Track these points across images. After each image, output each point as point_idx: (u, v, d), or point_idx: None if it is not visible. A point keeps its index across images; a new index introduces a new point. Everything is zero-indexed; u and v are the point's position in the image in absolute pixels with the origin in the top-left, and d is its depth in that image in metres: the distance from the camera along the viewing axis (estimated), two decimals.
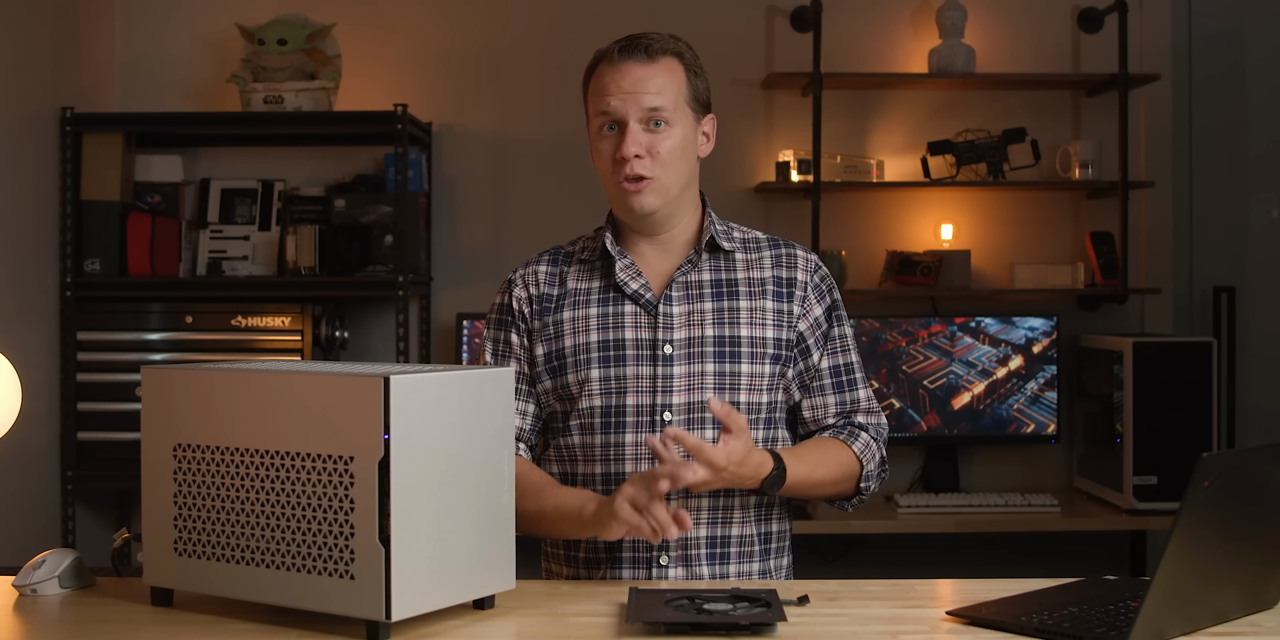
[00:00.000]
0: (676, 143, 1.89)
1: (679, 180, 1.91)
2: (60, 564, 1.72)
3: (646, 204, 1.89)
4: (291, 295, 3.65)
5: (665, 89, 1.88)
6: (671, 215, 1.94)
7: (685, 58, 1.92)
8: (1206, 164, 4.11)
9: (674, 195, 1.91)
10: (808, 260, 1.99)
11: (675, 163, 1.89)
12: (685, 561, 1.89)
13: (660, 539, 1.70)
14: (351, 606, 1.46)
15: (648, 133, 1.88)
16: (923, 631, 1.52)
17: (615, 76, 1.88)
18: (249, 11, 3.85)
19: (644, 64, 1.88)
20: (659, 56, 1.89)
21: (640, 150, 1.86)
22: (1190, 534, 1.39)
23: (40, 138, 3.54)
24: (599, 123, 1.90)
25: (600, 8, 3.93)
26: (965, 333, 3.79)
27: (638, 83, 1.87)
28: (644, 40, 1.90)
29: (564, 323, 1.95)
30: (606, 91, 1.88)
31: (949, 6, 3.82)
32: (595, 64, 1.94)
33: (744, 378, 1.90)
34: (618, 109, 1.87)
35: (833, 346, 1.98)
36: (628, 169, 1.87)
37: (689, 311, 1.92)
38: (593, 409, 1.91)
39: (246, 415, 1.55)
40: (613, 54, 1.90)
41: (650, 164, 1.87)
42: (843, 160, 3.85)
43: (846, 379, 1.98)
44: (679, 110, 1.89)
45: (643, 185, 1.88)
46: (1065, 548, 3.86)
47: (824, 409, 1.98)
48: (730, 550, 1.91)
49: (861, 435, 1.96)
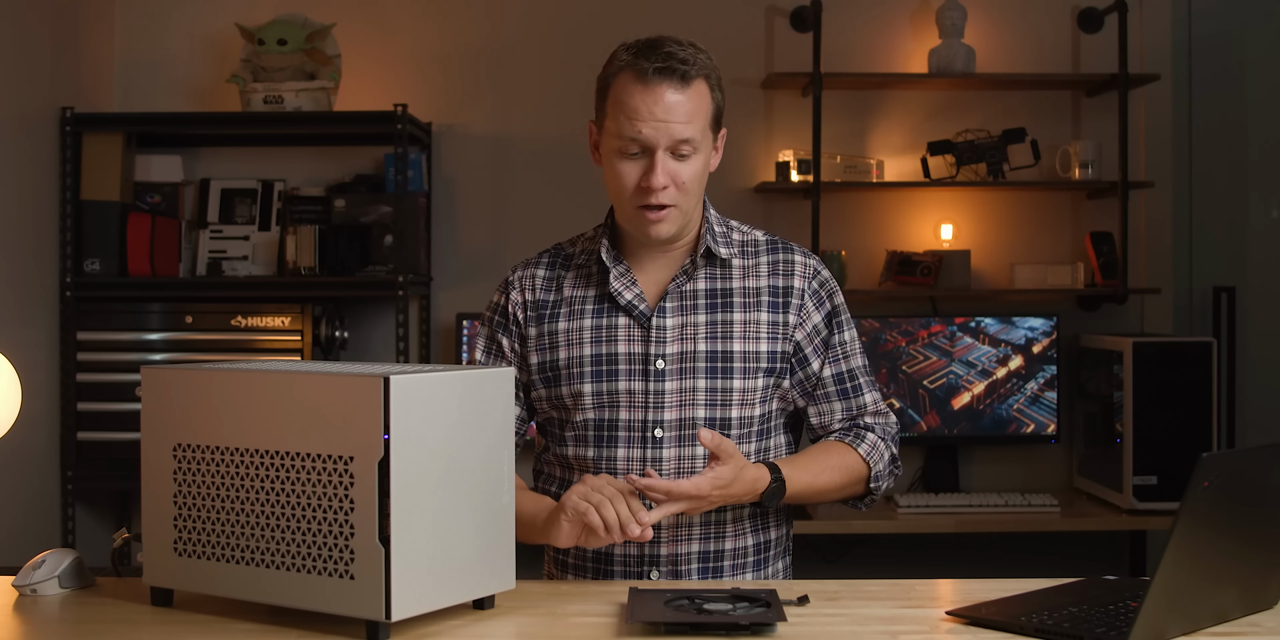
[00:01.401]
0: (699, 168, 1.85)
1: (697, 204, 1.90)
2: (60, 564, 1.72)
3: (665, 231, 1.87)
4: (291, 295, 3.65)
5: (695, 117, 1.82)
6: (681, 234, 1.92)
7: (712, 78, 1.86)
8: (1206, 164, 4.11)
9: (687, 217, 1.89)
10: (805, 266, 1.96)
11: (696, 189, 1.87)
12: (675, 576, 1.89)
13: (611, 538, 1.68)
14: (351, 606, 1.46)
15: (674, 160, 1.83)
16: (923, 631, 1.52)
17: (648, 100, 1.80)
18: (249, 11, 3.85)
19: (678, 90, 1.81)
20: (693, 80, 1.82)
21: (667, 181, 1.82)
22: (1190, 534, 1.39)
23: (40, 138, 3.54)
24: (622, 144, 1.83)
25: (600, 7, 3.93)
26: (965, 333, 3.79)
27: (670, 110, 1.80)
28: (679, 63, 1.80)
29: (559, 333, 1.94)
30: (637, 115, 1.80)
31: (949, 6, 3.82)
32: (618, 72, 1.84)
33: (735, 393, 1.89)
34: (649, 137, 1.81)
35: (834, 354, 1.95)
36: (653, 199, 1.83)
37: (682, 324, 1.90)
38: (586, 422, 1.91)
39: (246, 415, 1.55)
40: (647, 73, 1.80)
41: (675, 194, 1.83)
42: (843, 160, 3.85)
43: (851, 385, 1.96)
44: (705, 136, 1.85)
45: (665, 214, 1.84)
46: (1065, 548, 3.86)
47: (830, 416, 1.97)
48: (724, 563, 1.91)
49: (868, 436, 1.94)
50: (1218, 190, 4.12)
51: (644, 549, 1.88)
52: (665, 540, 1.88)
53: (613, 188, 1.88)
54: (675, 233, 1.89)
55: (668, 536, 1.88)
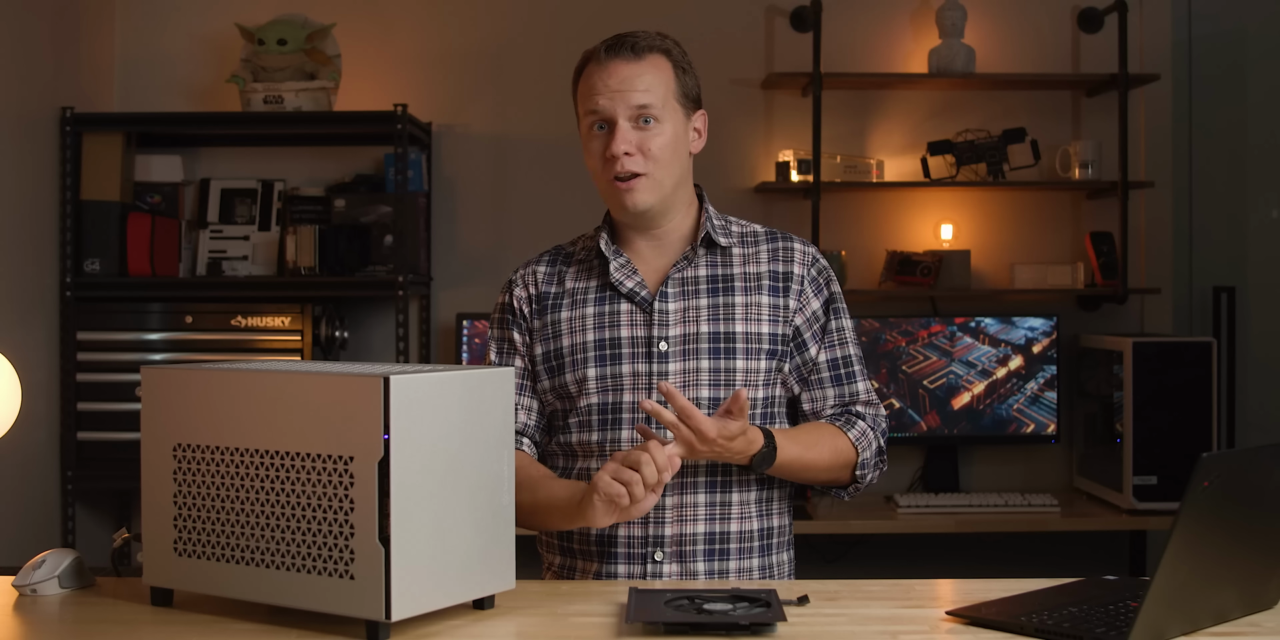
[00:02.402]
0: (667, 140, 1.89)
1: (672, 177, 1.92)
2: (60, 564, 1.72)
3: (640, 201, 1.90)
4: (291, 295, 3.65)
5: (653, 86, 1.88)
6: (665, 212, 1.95)
7: (672, 54, 1.93)
8: (1206, 164, 4.11)
9: (667, 192, 1.92)
10: (804, 253, 1.99)
11: (667, 159, 1.90)
12: (680, 557, 1.89)
13: (646, 506, 1.69)
14: (351, 606, 1.46)
15: (637, 130, 1.88)
16: (923, 631, 1.52)
17: (603, 75, 1.89)
18: (249, 11, 3.85)
19: (631, 62, 1.89)
20: (646, 54, 1.90)
21: (630, 147, 1.87)
22: (1190, 534, 1.39)
23: (40, 138, 3.54)
24: (589, 122, 1.91)
25: (599, 8, 3.93)
26: (965, 333, 3.79)
27: (625, 80, 1.88)
28: (630, 39, 1.91)
29: (561, 322, 1.96)
30: (595, 90, 1.89)
31: (949, 6, 3.82)
32: (583, 64, 1.94)
33: (739, 374, 1.91)
34: (606, 107, 1.88)
35: (830, 340, 1.98)
36: (618, 167, 1.87)
37: (684, 308, 1.93)
38: (590, 407, 1.92)
39: (246, 415, 1.55)
40: (599, 53, 1.91)
41: (642, 161, 1.88)
42: (842, 160, 3.85)
43: (845, 372, 1.98)
44: (668, 107, 1.90)
45: (635, 183, 1.89)
46: (1065, 548, 3.86)
47: (823, 402, 1.99)
48: (730, 546, 1.91)
49: (858, 423, 1.96)
50: (1218, 190, 4.12)
51: (649, 530, 1.88)
52: (670, 520, 1.88)
53: (591, 170, 1.94)
54: (653, 204, 1.91)
55: (672, 516, 1.88)
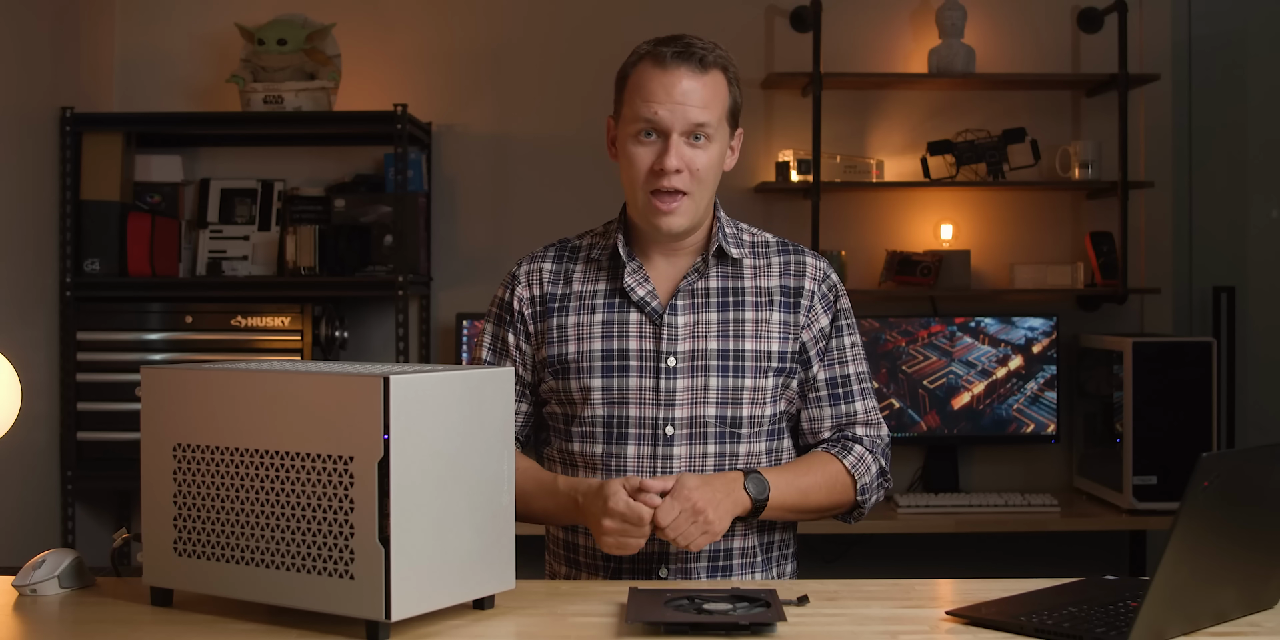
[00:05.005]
0: (714, 159, 1.86)
1: (708, 196, 1.90)
2: (60, 564, 1.72)
3: (676, 225, 1.87)
4: (291, 295, 3.65)
5: (712, 104, 1.84)
6: (691, 229, 1.92)
7: (730, 71, 1.89)
8: (1206, 164, 4.11)
9: (700, 212, 1.89)
10: (816, 268, 1.96)
11: (710, 179, 1.87)
12: (684, 574, 1.89)
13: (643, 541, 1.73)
14: (351, 606, 1.46)
15: (689, 146, 1.84)
16: (922, 631, 1.52)
17: (665, 83, 1.82)
18: (249, 11, 3.85)
19: (696, 75, 1.83)
20: (711, 68, 1.85)
21: (681, 164, 1.83)
22: (1190, 534, 1.39)
23: (40, 138, 3.54)
24: (638, 128, 1.85)
25: (599, 7, 3.93)
26: (965, 333, 3.79)
27: (687, 94, 1.82)
28: (697, 49, 1.84)
29: (568, 327, 1.93)
30: (654, 97, 1.82)
31: (949, 6, 3.82)
32: (637, 61, 1.87)
33: (746, 392, 1.89)
34: (665, 119, 1.83)
35: (831, 358, 1.95)
36: (665, 182, 1.83)
37: (694, 323, 1.90)
38: (594, 418, 1.90)
39: (246, 415, 1.55)
40: (665, 57, 1.83)
41: (688, 179, 1.84)
42: (842, 160, 3.85)
43: (843, 391, 1.95)
44: (720, 126, 1.86)
45: (676, 206, 1.85)
46: (1065, 548, 3.86)
47: (820, 422, 1.96)
48: (732, 562, 1.91)
49: (855, 448, 1.93)
50: (1218, 190, 4.12)
51: (653, 546, 1.88)
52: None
53: (627, 176, 1.89)
54: (686, 226, 1.88)
55: None
